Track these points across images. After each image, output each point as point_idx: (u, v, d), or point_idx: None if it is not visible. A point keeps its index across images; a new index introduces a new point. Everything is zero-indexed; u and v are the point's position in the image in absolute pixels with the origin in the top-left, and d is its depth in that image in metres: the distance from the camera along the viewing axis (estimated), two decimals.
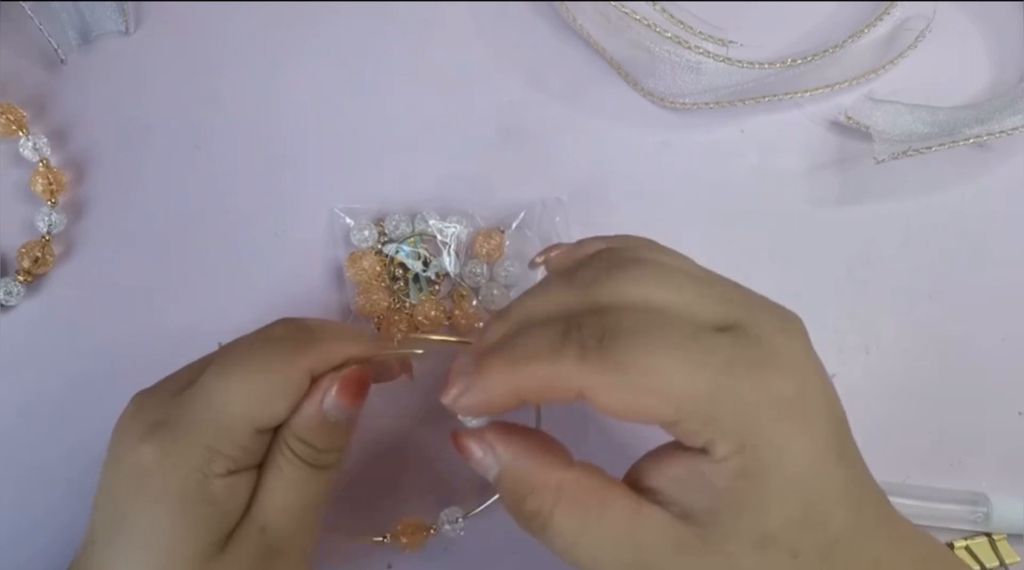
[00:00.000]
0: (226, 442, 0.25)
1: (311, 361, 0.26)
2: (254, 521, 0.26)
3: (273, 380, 0.25)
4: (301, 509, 0.26)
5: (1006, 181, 0.39)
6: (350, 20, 0.39)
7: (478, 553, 0.34)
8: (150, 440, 0.25)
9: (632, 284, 0.22)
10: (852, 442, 0.23)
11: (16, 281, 0.34)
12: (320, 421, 0.26)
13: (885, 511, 0.24)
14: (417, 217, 0.36)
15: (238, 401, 0.25)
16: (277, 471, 0.26)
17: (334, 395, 0.26)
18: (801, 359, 0.22)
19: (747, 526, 0.21)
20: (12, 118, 0.36)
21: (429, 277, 0.36)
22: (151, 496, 0.24)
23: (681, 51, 0.37)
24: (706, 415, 0.21)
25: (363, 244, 0.36)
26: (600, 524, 0.22)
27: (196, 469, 0.25)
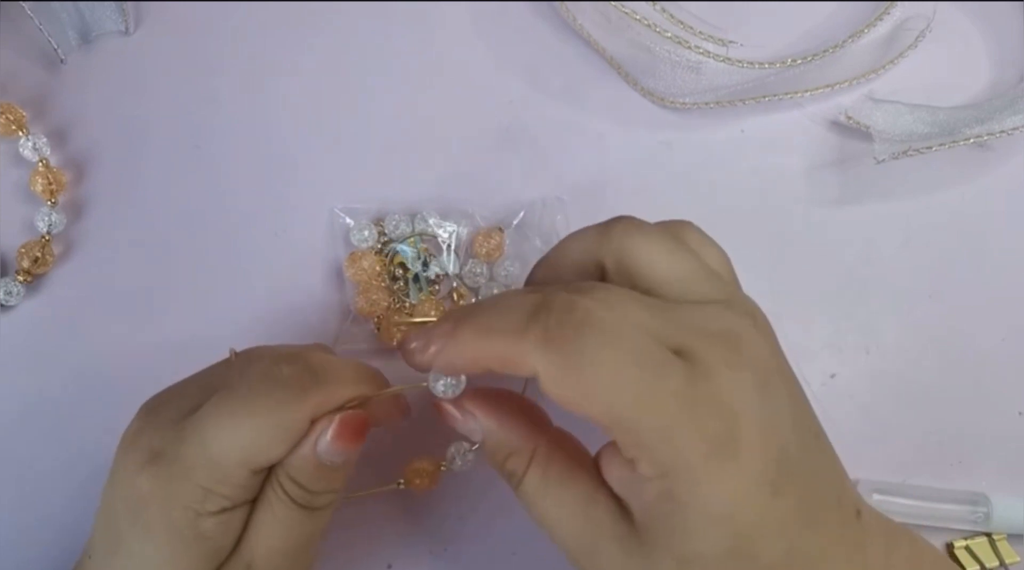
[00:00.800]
0: (220, 482, 0.24)
1: (313, 406, 0.25)
2: (241, 558, 0.25)
3: (273, 426, 0.24)
4: (290, 549, 0.26)
5: (1006, 181, 0.39)
6: (350, 20, 0.39)
7: (479, 553, 0.34)
8: (147, 470, 0.24)
9: (598, 289, 0.23)
10: (798, 470, 0.22)
11: (16, 281, 0.34)
12: (315, 464, 0.25)
13: (850, 532, 0.24)
14: (417, 217, 0.36)
15: (235, 444, 0.24)
16: (268, 509, 0.25)
17: (330, 439, 0.25)
18: (743, 394, 0.22)
19: (669, 545, 0.22)
20: (12, 118, 0.36)
21: (429, 277, 0.36)
22: (145, 526, 0.24)
23: (681, 51, 0.37)
24: (636, 435, 0.21)
25: (363, 244, 0.36)
26: (560, 494, 0.24)
27: (188, 506, 0.24)
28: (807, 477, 0.23)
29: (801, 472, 0.23)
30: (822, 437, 0.24)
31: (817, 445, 0.24)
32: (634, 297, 0.23)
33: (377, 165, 0.38)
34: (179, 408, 0.26)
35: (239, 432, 0.24)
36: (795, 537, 0.22)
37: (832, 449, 0.25)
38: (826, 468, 0.24)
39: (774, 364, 0.23)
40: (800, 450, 0.23)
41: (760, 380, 0.22)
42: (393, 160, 0.38)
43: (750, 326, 0.24)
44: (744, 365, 0.22)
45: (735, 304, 0.24)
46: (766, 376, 0.23)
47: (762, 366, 0.23)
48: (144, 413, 0.26)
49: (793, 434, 0.23)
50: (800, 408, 0.24)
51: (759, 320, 0.24)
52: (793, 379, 0.24)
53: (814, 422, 0.24)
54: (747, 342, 0.23)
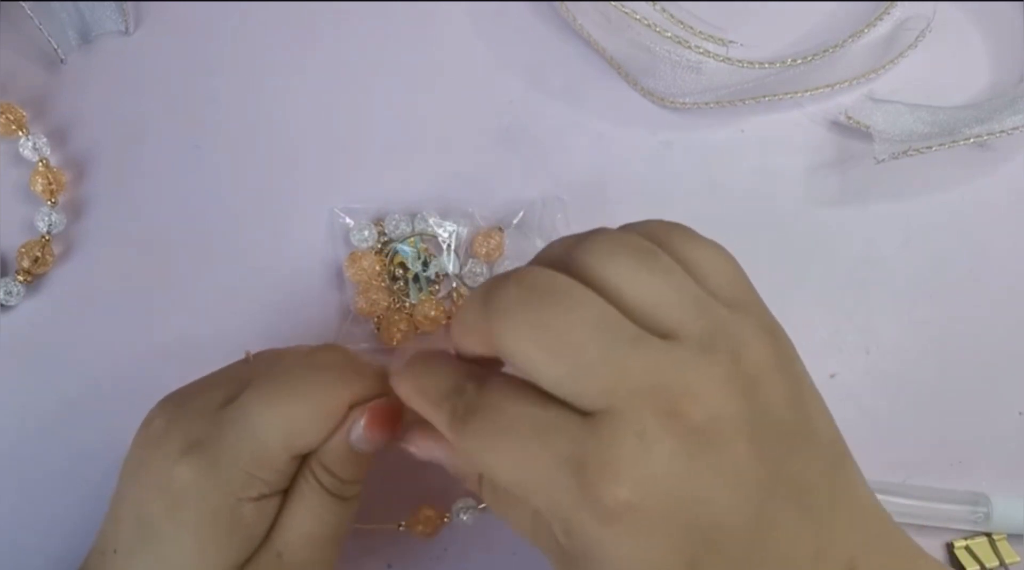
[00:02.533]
0: (264, 467, 0.25)
1: (353, 392, 0.26)
2: (272, 546, 0.26)
3: (316, 409, 0.25)
4: (320, 538, 0.26)
5: (1006, 181, 0.39)
6: (350, 20, 0.39)
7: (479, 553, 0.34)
8: (188, 459, 0.25)
9: (518, 339, 0.21)
10: (735, 546, 0.20)
11: (16, 281, 0.34)
12: (348, 452, 0.26)
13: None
14: (417, 217, 0.36)
15: (280, 427, 0.25)
16: (301, 499, 0.26)
17: (364, 426, 0.25)
18: (652, 465, 0.20)
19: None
20: (12, 118, 0.36)
21: (429, 277, 0.36)
22: (183, 515, 0.25)
23: (681, 51, 0.37)
24: (532, 505, 0.22)
25: (363, 244, 0.36)
26: (510, 509, 0.24)
27: (230, 493, 0.25)
28: (759, 549, 0.20)
29: (745, 547, 0.20)
30: (811, 494, 0.21)
31: (787, 508, 0.21)
32: (550, 347, 0.21)
33: (377, 165, 0.38)
34: (211, 399, 0.26)
35: (284, 415, 0.25)
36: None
37: (823, 509, 0.21)
38: (801, 532, 0.21)
39: (738, 418, 0.20)
40: (750, 520, 0.20)
41: (693, 445, 0.20)
42: (393, 160, 0.38)
43: (718, 372, 0.20)
44: (659, 434, 0.20)
45: (717, 334, 0.21)
46: (707, 438, 0.20)
47: (707, 426, 0.20)
48: (171, 406, 0.27)
49: (742, 501, 0.20)
50: (788, 451, 0.21)
51: (752, 350, 0.21)
52: (791, 425, 0.21)
53: (805, 473, 0.21)
54: (693, 396, 0.20)
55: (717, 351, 0.21)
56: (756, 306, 0.23)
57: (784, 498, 0.21)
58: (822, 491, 0.21)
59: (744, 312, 0.22)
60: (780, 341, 0.22)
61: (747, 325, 0.22)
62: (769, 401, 0.21)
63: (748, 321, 0.22)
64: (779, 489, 0.21)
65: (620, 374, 0.20)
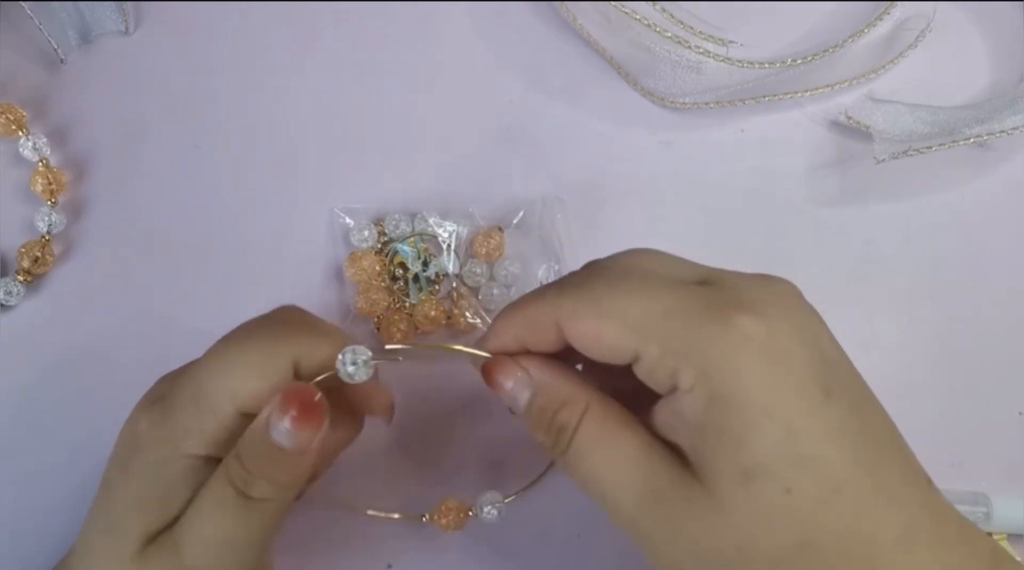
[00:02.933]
0: (207, 418, 0.24)
1: (294, 347, 0.24)
2: (173, 534, 0.24)
3: (260, 360, 0.24)
4: (221, 544, 0.24)
5: (1006, 181, 0.39)
6: (350, 20, 0.39)
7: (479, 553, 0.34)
8: (147, 412, 0.25)
9: (622, 254, 0.24)
10: (851, 388, 0.22)
11: (16, 281, 0.34)
12: (260, 439, 0.23)
13: (922, 493, 0.23)
14: (417, 217, 0.36)
15: (223, 378, 0.24)
16: (207, 488, 0.24)
17: (277, 414, 0.23)
18: (778, 307, 0.22)
19: (728, 459, 0.21)
20: (12, 118, 0.36)
21: (429, 277, 0.36)
22: (128, 465, 0.25)
23: (681, 51, 0.37)
24: (666, 345, 0.22)
25: (363, 244, 0.36)
26: (616, 445, 0.23)
27: (169, 442, 0.24)
28: (864, 404, 0.22)
29: (858, 394, 0.22)
30: (869, 389, 0.24)
31: (866, 390, 0.23)
32: (650, 253, 0.25)
33: (377, 165, 0.38)
34: (189, 363, 0.26)
35: (227, 367, 0.24)
36: (861, 457, 0.21)
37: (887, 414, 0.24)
38: (884, 418, 0.23)
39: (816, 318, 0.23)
40: (857, 380, 0.23)
41: (796, 307, 0.23)
42: (393, 160, 0.38)
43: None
44: (776, 290, 0.23)
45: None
46: (803, 311, 0.23)
47: (791, 299, 0.23)
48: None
49: (840, 359, 0.23)
50: (842, 354, 0.24)
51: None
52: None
53: (857, 373, 0.24)
54: (779, 282, 0.23)
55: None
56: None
57: (862, 381, 0.24)
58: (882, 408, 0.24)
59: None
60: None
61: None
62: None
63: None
64: (855, 371, 0.23)
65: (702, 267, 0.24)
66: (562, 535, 0.34)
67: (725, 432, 0.21)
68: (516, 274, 0.36)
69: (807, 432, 0.21)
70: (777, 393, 0.21)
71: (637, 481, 0.22)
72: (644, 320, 0.22)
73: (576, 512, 0.34)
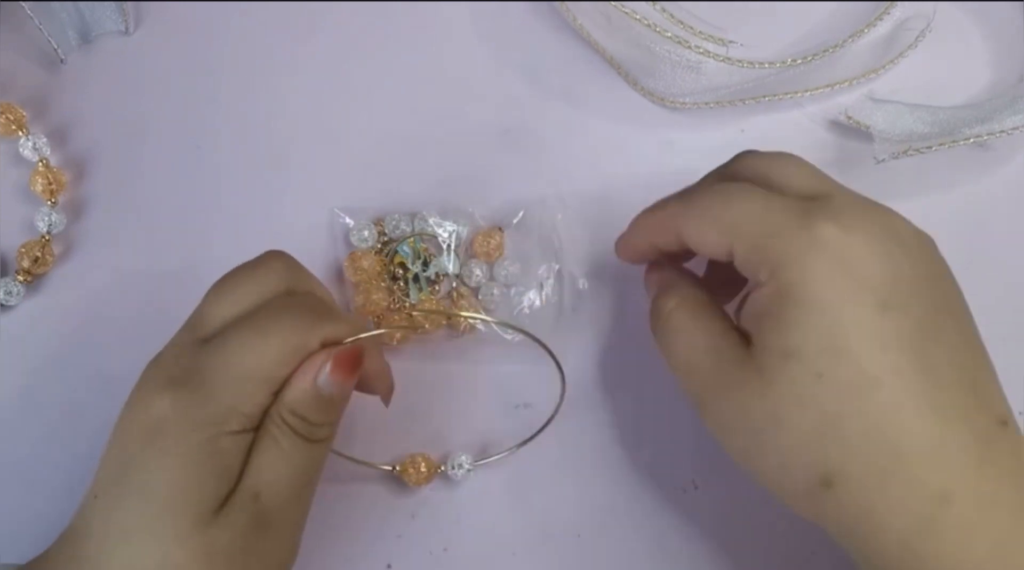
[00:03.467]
0: (245, 399, 0.26)
1: (324, 331, 0.27)
2: (248, 489, 0.26)
3: (293, 344, 0.26)
4: (295, 481, 0.27)
5: (1006, 181, 0.39)
6: (350, 20, 0.39)
7: (479, 553, 0.34)
8: (168, 392, 0.26)
9: (750, 159, 0.29)
10: (916, 310, 0.25)
11: (16, 281, 0.34)
12: (315, 395, 0.27)
13: (987, 428, 0.25)
14: (417, 217, 0.36)
15: (260, 361, 0.26)
16: (272, 443, 0.26)
17: (329, 370, 0.27)
18: (866, 222, 0.25)
19: (775, 341, 0.25)
20: (12, 118, 0.36)
21: (429, 277, 0.36)
22: (162, 447, 0.25)
23: (681, 51, 0.37)
24: (752, 244, 0.25)
25: (363, 244, 0.36)
26: (697, 328, 0.28)
27: (212, 423, 0.25)
28: (932, 330, 0.24)
29: (924, 319, 0.24)
30: (970, 333, 0.27)
31: (957, 326, 0.26)
32: (777, 159, 0.28)
33: (377, 165, 0.38)
34: (184, 342, 0.27)
35: (264, 349, 0.26)
36: (904, 366, 0.24)
37: (985, 360, 0.27)
38: (964, 354, 0.26)
39: (914, 241, 0.26)
40: (933, 310, 0.25)
41: (887, 234, 0.25)
42: (393, 160, 0.38)
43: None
44: (878, 217, 0.26)
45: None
46: (898, 238, 0.26)
47: (894, 227, 0.26)
48: (151, 361, 0.28)
49: (924, 289, 0.25)
50: (950, 300, 0.26)
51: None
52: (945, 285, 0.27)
53: (969, 324, 0.27)
54: (885, 214, 0.27)
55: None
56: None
57: (950, 314, 0.26)
58: (979, 348, 0.27)
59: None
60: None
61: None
62: (941, 261, 0.28)
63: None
64: (946, 306, 0.26)
65: (833, 182, 0.27)
66: (562, 535, 0.34)
67: (779, 319, 0.25)
68: (516, 274, 0.36)
69: (851, 331, 0.24)
70: (834, 293, 0.24)
71: (706, 360, 0.27)
72: (737, 224, 0.26)
73: (576, 511, 0.34)
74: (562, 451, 0.34)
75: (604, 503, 0.34)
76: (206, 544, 0.25)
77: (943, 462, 0.24)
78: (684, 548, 0.34)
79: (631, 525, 0.34)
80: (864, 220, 0.25)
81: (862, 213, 0.26)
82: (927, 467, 0.24)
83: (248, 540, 0.25)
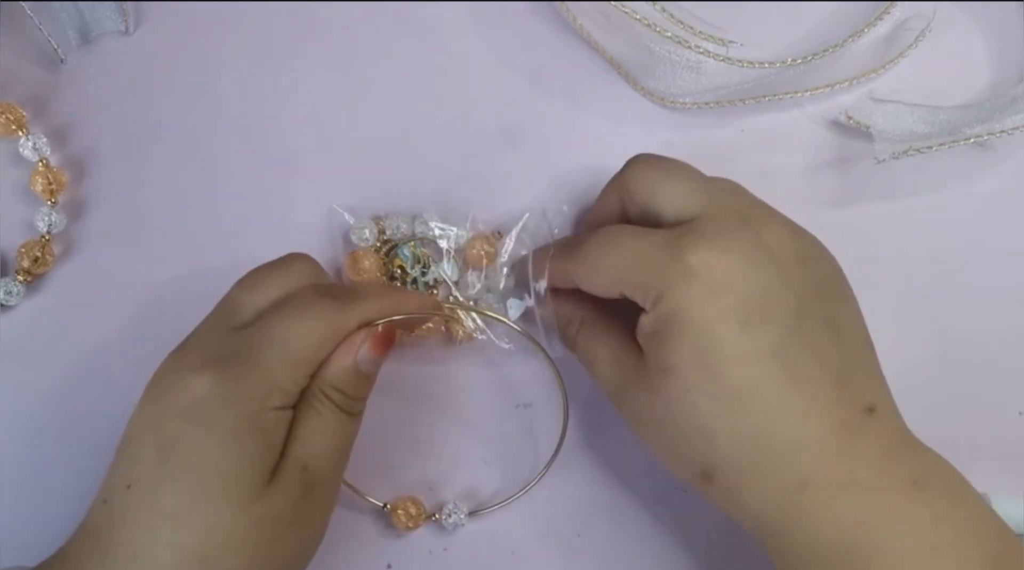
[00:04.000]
0: (288, 378, 0.27)
1: (360, 313, 0.29)
2: (296, 460, 0.27)
3: (334, 326, 0.28)
4: (337, 451, 0.29)
5: (1006, 181, 0.39)
6: (350, 20, 0.39)
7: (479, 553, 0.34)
8: (208, 371, 0.27)
9: (641, 171, 0.32)
10: (781, 324, 0.27)
11: (16, 281, 0.34)
12: (354, 371, 0.29)
13: (844, 416, 0.27)
14: (417, 219, 0.36)
15: (304, 340, 0.28)
16: (317, 416, 0.28)
17: (367, 349, 0.29)
18: (730, 244, 0.28)
19: (656, 359, 0.28)
20: (12, 118, 0.36)
21: (427, 283, 0.35)
22: (206, 425, 0.26)
23: (681, 51, 0.37)
24: (633, 283, 0.29)
25: (363, 243, 0.36)
26: (600, 345, 0.32)
27: (256, 398, 0.26)
28: (795, 336, 0.27)
29: (786, 328, 0.27)
30: (845, 327, 0.29)
31: (828, 325, 0.28)
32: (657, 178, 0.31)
33: (377, 165, 0.38)
34: (219, 327, 0.29)
35: (308, 329, 0.28)
36: (764, 376, 0.27)
37: (868, 353, 0.29)
38: (830, 351, 0.28)
39: (792, 245, 0.29)
40: (797, 317, 0.27)
41: (759, 246, 0.28)
42: (392, 160, 0.38)
43: (781, 219, 0.30)
44: (742, 230, 0.28)
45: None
46: (770, 248, 0.28)
47: (771, 241, 0.28)
48: (176, 350, 0.29)
49: (787, 295, 0.28)
50: (823, 298, 0.29)
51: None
52: (831, 281, 0.30)
53: (844, 318, 0.29)
54: (765, 219, 0.30)
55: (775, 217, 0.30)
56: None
57: (819, 316, 0.28)
58: (851, 340, 0.29)
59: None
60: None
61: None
62: (819, 259, 0.30)
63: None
64: (816, 307, 0.28)
65: (713, 196, 0.30)
66: (562, 535, 0.34)
67: (659, 340, 0.28)
68: (509, 287, 0.36)
69: (716, 349, 0.27)
70: (702, 315, 0.27)
71: (609, 370, 0.31)
72: (618, 270, 0.29)
73: (577, 511, 0.34)
74: (562, 451, 0.34)
75: (604, 503, 0.34)
76: (260, 513, 0.26)
77: (800, 457, 0.27)
78: (685, 548, 0.34)
79: (631, 525, 0.34)
80: (732, 241, 0.28)
81: (731, 234, 0.28)
82: (785, 462, 0.27)
83: (298, 508, 0.27)
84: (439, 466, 0.35)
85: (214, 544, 0.25)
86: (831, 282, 0.30)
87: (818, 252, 0.30)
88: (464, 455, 0.35)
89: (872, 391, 0.29)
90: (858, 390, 0.28)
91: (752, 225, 0.29)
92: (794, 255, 0.29)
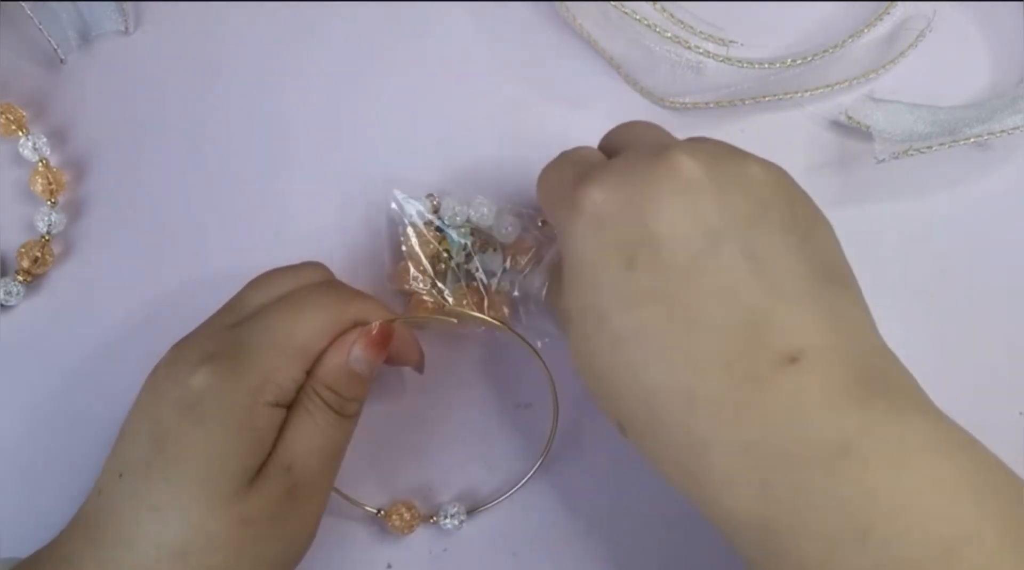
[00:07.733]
0: (282, 370, 0.27)
1: (356, 309, 0.29)
2: (281, 460, 0.27)
3: (331, 320, 0.28)
4: (326, 453, 0.28)
5: (1006, 181, 0.39)
6: (350, 20, 0.39)
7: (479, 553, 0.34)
8: (202, 368, 0.26)
9: (626, 128, 0.32)
10: (671, 262, 0.24)
11: (16, 281, 0.34)
12: (347, 371, 0.28)
13: (754, 369, 0.22)
14: (474, 204, 0.35)
15: (299, 331, 0.27)
16: (306, 415, 0.28)
17: (361, 348, 0.28)
18: (622, 181, 0.25)
19: (561, 303, 0.27)
20: (12, 118, 0.36)
21: (469, 271, 0.35)
22: (199, 418, 0.26)
23: (681, 51, 0.37)
24: (548, 212, 0.28)
25: (420, 221, 0.35)
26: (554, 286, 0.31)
27: (250, 392, 0.26)
28: (692, 274, 0.24)
29: (682, 265, 0.24)
30: (772, 265, 0.24)
31: (737, 259, 0.24)
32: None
33: (376, 165, 0.38)
34: (218, 324, 0.29)
35: (301, 321, 0.28)
36: (650, 322, 0.24)
37: (783, 293, 0.23)
38: (739, 295, 0.23)
39: (711, 181, 0.25)
40: (701, 252, 0.24)
41: (669, 180, 0.24)
42: (392, 161, 0.38)
43: (708, 151, 0.26)
44: (652, 164, 0.25)
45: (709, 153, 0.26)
46: (683, 180, 0.24)
47: (688, 175, 0.24)
48: (178, 343, 0.29)
49: (691, 231, 0.24)
50: (753, 227, 0.24)
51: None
52: (777, 220, 0.25)
53: (781, 249, 0.24)
54: (681, 159, 0.25)
55: (702, 151, 0.26)
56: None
57: (737, 249, 0.24)
58: (787, 275, 0.24)
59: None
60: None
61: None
62: (757, 183, 0.25)
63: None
64: (736, 240, 0.24)
65: (652, 135, 0.29)
66: (563, 535, 0.34)
67: (561, 283, 0.27)
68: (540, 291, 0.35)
69: (603, 292, 0.25)
70: (593, 257, 0.25)
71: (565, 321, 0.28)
72: (543, 194, 0.29)
73: (577, 511, 0.34)
74: (562, 450, 0.35)
75: (605, 502, 0.34)
76: (240, 513, 0.26)
77: (696, 412, 0.23)
78: (685, 547, 0.34)
79: (632, 524, 0.34)
80: (630, 173, 0.25)
81: (633, 165, 0.26)
82: (681, 418, 0.23)
83: (280, 509, 0.27)
84: (439, 468, 0.35)
85: (193, 542, 0.25)
86: (773, 209, 0.25)
87: (761, 177, 0.25)
88: (464, 456, 0.35)
89: (795, 336, 0.23)
90: (775, 337, 0.23)
91: (666, 154, 0.25)
92: (713, 182, 0.24)
